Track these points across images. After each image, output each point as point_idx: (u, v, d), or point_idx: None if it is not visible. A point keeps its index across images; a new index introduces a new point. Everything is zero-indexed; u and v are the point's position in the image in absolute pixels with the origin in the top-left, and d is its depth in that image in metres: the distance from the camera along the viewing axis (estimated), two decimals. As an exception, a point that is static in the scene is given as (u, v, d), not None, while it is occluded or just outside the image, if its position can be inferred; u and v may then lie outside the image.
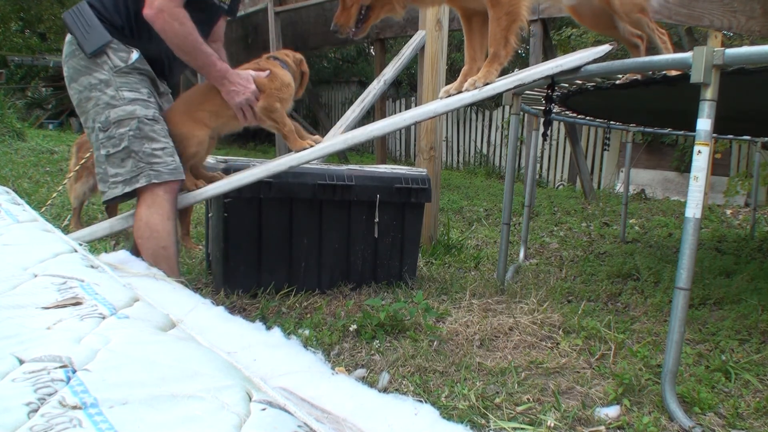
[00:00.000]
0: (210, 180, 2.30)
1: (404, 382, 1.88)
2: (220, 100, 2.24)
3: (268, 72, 2.28)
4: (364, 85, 11.80)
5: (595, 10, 2.48)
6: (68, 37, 2.12)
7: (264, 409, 0.78)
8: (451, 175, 10.03)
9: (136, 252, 2.21)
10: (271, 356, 1.30)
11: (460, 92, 2.33)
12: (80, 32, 2.05)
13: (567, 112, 4.19)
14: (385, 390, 1.81)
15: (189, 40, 2.10)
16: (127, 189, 2.08)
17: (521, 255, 3.86)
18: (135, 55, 2.09)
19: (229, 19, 2.48)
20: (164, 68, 2.28)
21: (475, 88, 2.27)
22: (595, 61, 2.27)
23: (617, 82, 2.59)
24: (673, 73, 2.25)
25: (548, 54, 6.64)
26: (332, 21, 2.29)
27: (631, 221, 5.84)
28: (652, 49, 2.52)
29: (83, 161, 3.50)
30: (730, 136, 4.79)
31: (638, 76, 2.44)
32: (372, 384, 1.84)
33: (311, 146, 2.31)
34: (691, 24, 5.81)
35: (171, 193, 2.13)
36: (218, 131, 2.38)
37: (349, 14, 2.26)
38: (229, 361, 0.95)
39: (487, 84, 2.28)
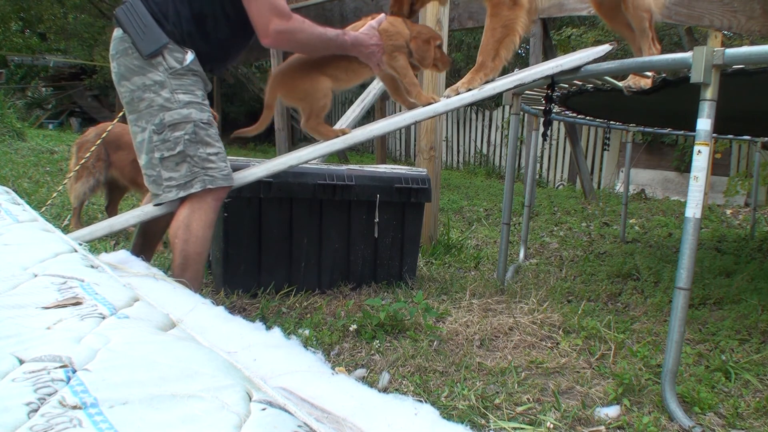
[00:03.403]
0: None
1: (404, 382, 1.87)
2: (340, 65, 2.25)
3: (382, 16, 2.29)
4: (364, 85, 11.79)
5: (614, 6, 2.50)
6: (119, 32, 2.05)
7: (264, 409, 0.78)
8: (451, 175, 10.03)
9: (136, 251, 2.21)
10: (271, 356, 1.29)
11: (447, 96, 2.33)
12: (135, 31, 2.00)
13: (567, 112, 4.20)
14: (385, 390, 1.81)
15: (316, 40, 2.11)
16: (182, 193, 2.05)
17: (521, 255, 3.86)
18: (190, 56, 2.05)
19: None
20: (214, 66, 2.26)
21: (457, 95, 2.28)
22: (595, 61, 2.27)
23: (623, 91, 2.58)
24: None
25: (548, 54, 6.64)
26: (387, 10, 2.37)
27: (631, 221, 5.84)
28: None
29: (83, 161, 3.49)
30: (730, 136, 4.79)
31: (643, 84, 2.44)
32: (372, 384, 1.84)
33: (435, 101, 2.29)
34: (691, 24, 5.81)
35: (218, 201, 2.12)
36: (336, 89, 2.37)
37: (401, 4, 2.33)
38: (229, 361, 0.95)
39: (470, 90, 2.28)
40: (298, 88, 2.26)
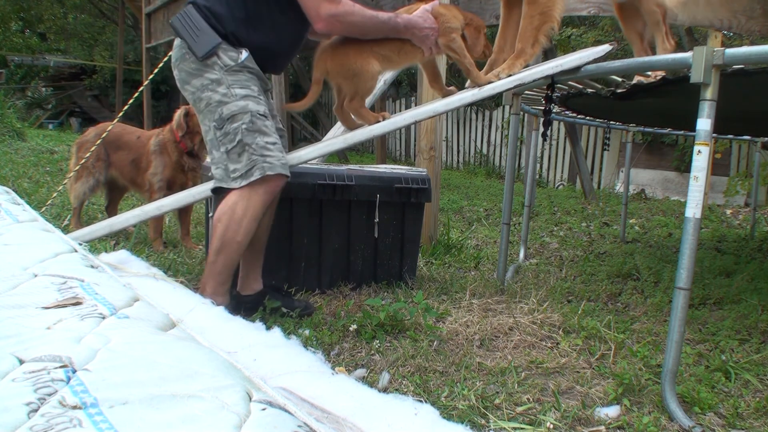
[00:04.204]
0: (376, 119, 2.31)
1: (404, 382, 1.87)
2: (394, 46, 2.25)
3: (436, 1, 2.29)
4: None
5: (634, 11, 2.51)
6: (177, 41, 2.14)
7: (264, 409, 0.78)
8: (451, 175, 10.03)
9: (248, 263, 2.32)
10: (271, 356, 1.30)
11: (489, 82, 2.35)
12: (190, 36, 2.07)
13: (567, 112, 4.19)
14: (385, 390, 1.81)
15: (369, 23, 2.15)
16: (244, 182, 2.09)
17: (521, 255, 3.86)
18: (244, 54, 2.10)
19: None
20: (275, 64, 2.29)
21: (499, 79, 2.30)
22: (595, 60, 2.27)
23: (618, 91, 2.58)
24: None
25: (548, 54, 6.63)
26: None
27: (631, 221, 5.84)
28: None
29: (83, 161, 3.50)
30: (730, 136, 4.79)
31: (640, 79, 2.44)
32: (372, 384, 1.84)
33: (495, 81, 2.29)
34: (691, 24, 5.81)
35: (269, 195, 2.14)
36: (385, 70, 2.39)
37: None
38: (229, 361, 0.95)
39: (510, 75, 2.30)
40: (348, 65, 2.24)
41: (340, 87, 2.34)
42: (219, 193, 2.19)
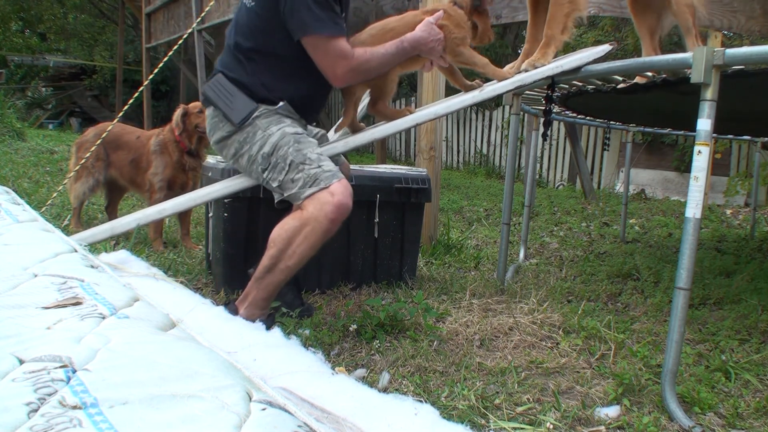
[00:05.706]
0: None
1: (404, 382, 1.87)
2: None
3: (440, 12, 2.29)
4: (364, 85, 11.76)
5: (648, 5, 2.50)
6: (210, 110, 2.20)
7: (264, 409, 0.78)
8: (451, 175, 10.03)
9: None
10: (271, 356, 1.30)
11: (525, 71, 2.35)
12: (224, 104, 2.12)
13: (567, 112, 4.19)
14: (385, 390, 1.81)
15: (381, 61, 2.18)
16: (311, 189, 2.03)
17: (521, 255, 3.86)
18: (280, 104, 2.16)
19: None
20: (312, 108, 2.33)
21: (535, 68, 2.32)
22: (595, 61, 2.27)
23: (618, 86, 2.58)
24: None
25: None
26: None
27: (631, 221, 5.84)
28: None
29: (83, 161, 3.50)
30: (730, 136, 4.79)
31: (639, 80, 2.44)
32: (372, 384, 1.84)
33: (510, 76, 2.33)
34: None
35: (332, 224, 2.03)
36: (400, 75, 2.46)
37: None
38: (229, 361, 0.95)
39: (542, 65, 2.32)
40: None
41: (358, 100, 2.41)
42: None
